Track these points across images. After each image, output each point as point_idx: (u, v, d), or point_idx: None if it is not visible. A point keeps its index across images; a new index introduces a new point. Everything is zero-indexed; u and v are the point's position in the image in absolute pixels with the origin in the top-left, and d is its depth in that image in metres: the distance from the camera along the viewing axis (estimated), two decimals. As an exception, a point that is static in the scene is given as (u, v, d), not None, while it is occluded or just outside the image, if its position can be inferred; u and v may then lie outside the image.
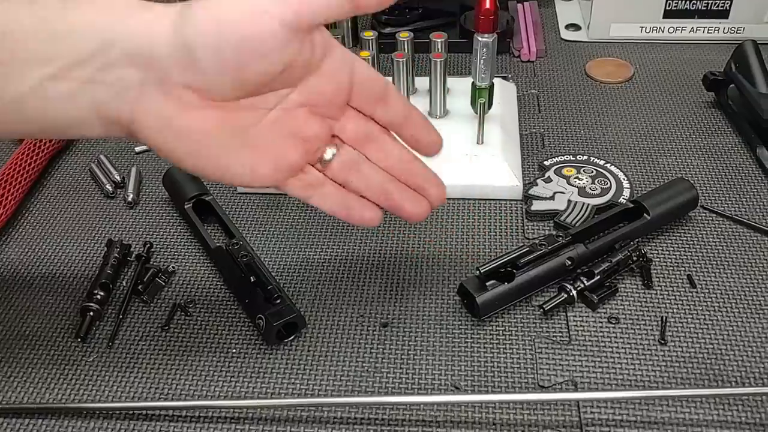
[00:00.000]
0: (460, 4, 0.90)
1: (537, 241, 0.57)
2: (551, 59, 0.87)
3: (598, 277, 0.56)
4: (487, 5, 0.62)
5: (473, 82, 0.67)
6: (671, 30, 0.86)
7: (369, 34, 0.70)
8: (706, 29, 0.85)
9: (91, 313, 0.56)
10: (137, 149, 0.75)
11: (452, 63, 0.87)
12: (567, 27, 0.92)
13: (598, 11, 0.87)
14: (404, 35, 0.70)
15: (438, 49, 0.69)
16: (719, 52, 0.85)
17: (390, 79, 0.69)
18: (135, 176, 0.71)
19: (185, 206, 0.64)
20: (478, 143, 0.67)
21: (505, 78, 0.81)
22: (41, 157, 0.72)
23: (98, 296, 0.57)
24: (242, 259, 0.57)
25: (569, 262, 0.56)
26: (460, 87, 0.73)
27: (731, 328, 0.53)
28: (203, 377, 0.52)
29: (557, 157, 0.70)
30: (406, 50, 0.70)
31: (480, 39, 0.63)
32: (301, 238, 0.64)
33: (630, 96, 0.79)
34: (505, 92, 0.75)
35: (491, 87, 0.67)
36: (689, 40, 0.87)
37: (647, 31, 0.87)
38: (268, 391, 0.51)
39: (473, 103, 0.68)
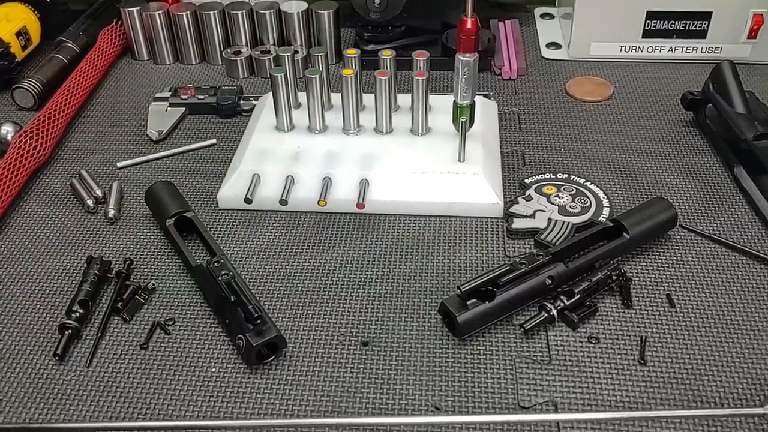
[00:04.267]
0: (442, 22, 0.90)
1: (517, 260, 0.57)
2: (532, 77, 0.87)
3: (578, 296, 0.56)
4: (469, 25, 0.62)
5: (455, 101, 0.67)
6: (650, 49, 0.87)
7: (352, 52, 0.70)
8: (685, 49, 0.87)
9: (69, 331, 0.56)
10: (119, 164, 0.75)
11: (434, 80, 0.87)
12: (548, 46, 0.93)
13: (579, 30, 0.88)
14: (387, 53, 0.71)
15: (420, 68, 0.70)
16: (697, 72, 0.86)
17: (372, 96, 0.69)
18: (116, 191, 0.70)
19: (167, 223, 0.64)
20: (459, 161, 0.68)
21: (486, 96, 0.82)
22: (22, 173, 0.71)
23: (77, 314, 0.57)
24: (223, 277, 0.56)
25: (549, 281, 0.57)
26: (442, 104, 0.73)
27: (710, 348, 0.54)
28: (182, 397, 0.52)
29: (538, 175, 0.70)
30: (388, 68, 0.70)
31: (461, 58, 0.64)
32: (282, 255, 0.63)
33: (610, 114, 0.80)
34: (486, 110, 0.76)
35: (472, 105, 0.67)
36: (668, 60, 0.88)
37: (627, 50, 0.88)
38: (247, 411, 0.51)
39: (455, 120, 0.68)
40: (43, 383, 0.53)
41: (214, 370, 0.54)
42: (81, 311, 0.57)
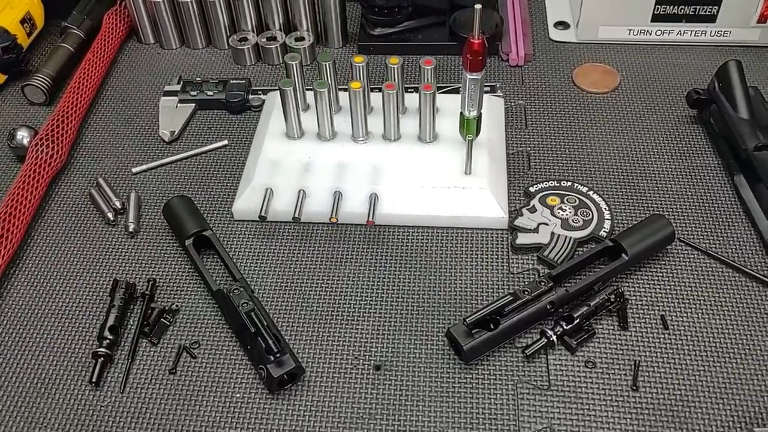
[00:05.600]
0: (449, 2, 0.89)
1: (520, 289, 0.60)
2: (539, 63, 0.87)
3: (577, 320, 0.59)
4: (476, 47, 0.62)
5: (461, 112, 0.68)
6: (659, 33, 0.86)
7: (359, 60, 0.71)
8: (694, 32, 0.86)
9: (102, 358, 0.60)
10: (134, 170, 0.77)
11: (441, 67, 0.87)
12: (556, 25, 0.91)
13: (587, 12, 0.86)
14: (394, 61, 0.71)
15: (428, 80, 0.70)
16: (706, 56, 0.86)
17: (381, 104, 0.70)
18: (134, 202, 0.73)
19: (186, 243, 0.66)
20: (466, 173, 0.69)
21: (493, 88, 0.82)
22: (41, 183, 0.74)
23: (108, 340, 0.61)
24: (243, 307, 0.60)
25: (550, 306, 0.60)
26: (449, 106, 0.74)
27: (699, 372, 0.57)
28: (210, 423, 0.57)
29: (542, 183, 0.72)
30: (395, 79, 0.70)
31: (469, 77, 0.64)
32: (296, 270, 0.66)
33: (615, 108, 0.81)
34: (492, 109, 0.76)
35: (479, 116, 0.68)
36: (676, 43, 0.87)
37: (635, 33, 0.87)
38: (271, 437, 0.56)
39: (461, 129, 0.69)
40: (81, 409, 0.58)
41: (239, 395, 0.58)
42: (111, 337, 0.61)
